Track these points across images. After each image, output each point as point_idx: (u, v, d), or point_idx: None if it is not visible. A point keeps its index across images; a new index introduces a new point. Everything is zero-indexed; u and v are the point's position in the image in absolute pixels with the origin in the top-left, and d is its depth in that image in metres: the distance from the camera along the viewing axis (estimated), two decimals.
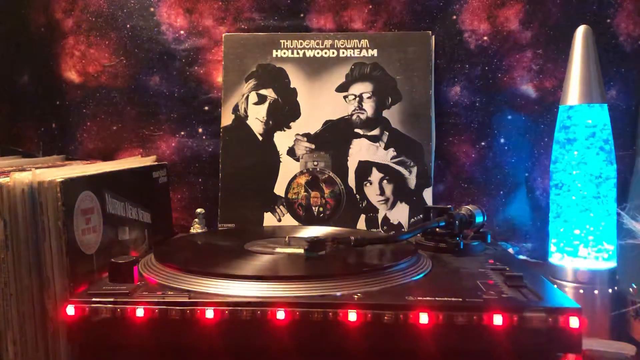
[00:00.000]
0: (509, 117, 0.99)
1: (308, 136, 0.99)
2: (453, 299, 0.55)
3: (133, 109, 1.03)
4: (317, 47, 0.99)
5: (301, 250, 0.69)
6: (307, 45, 0.99)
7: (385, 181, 0.97)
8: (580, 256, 0.80)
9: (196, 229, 0.92)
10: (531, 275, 0.64)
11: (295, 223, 0.97)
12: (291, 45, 0.99)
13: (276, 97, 1.00)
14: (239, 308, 0.54)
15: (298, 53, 0.99)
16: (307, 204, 0.98)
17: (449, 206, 0.82)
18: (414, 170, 0.97)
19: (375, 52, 0.98)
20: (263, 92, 1.00)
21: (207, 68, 1.02)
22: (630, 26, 0.95)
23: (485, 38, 0.98)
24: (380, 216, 0.97)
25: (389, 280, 0.61)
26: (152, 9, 1.02)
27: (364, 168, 0.97)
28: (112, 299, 0.55)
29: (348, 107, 0.98)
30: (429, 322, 0.53)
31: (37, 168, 0.71)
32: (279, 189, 0.98)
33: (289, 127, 0.99)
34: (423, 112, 0.97)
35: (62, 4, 1.03)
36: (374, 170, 0.97)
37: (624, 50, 0.95)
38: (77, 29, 1.02)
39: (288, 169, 0.98)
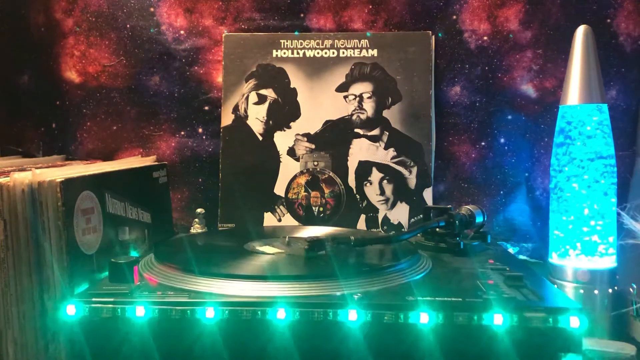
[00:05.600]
0: (509, 117, 0.99)
1: (308, 136, 0.99)
2: (453, 299, 0.55)
3: (133, 109, 1.03)
4: (317, 47, 0.99)
5: (301, 251, 0.69)
6: (307, 45, 0.99)
7: (385, 181, 0.97)
8: (580, 256, 0.80)
9: (196, 229, 0.92)
10: (531, 275, 0.64)
11: (295, 223, 0.97)
12: (291, 45, 0.99)
13: (276, 97, 1.00)
14: (239, 308, 0.54)
15: (298, 53, 0.99)
16: (307, 204, 0.98)
17: (449, 206, 0.82)
18: (414, 170, 0.97)
19: (375, 52, 0.98)
20: (263, 92, 1.00)
21: (207, 68, 1.02)
22: (630, 26, 0.95)
23: (485, 38, 0.98)
24: (380, 216, 0.97)
25: (389, 280, 0.61)
26: (152, 9, 1.02)
27: (364, 168, 0.97)
28: (112, 299, 0.56)
29: (348, 107, 0.98)
30: (429, 322, 0.53)
31: (37, 168, 0.71)
32: (279, 189, 0.98)
33: (289, 127, 0.99)
34: (423, 112, 0.97)
35: (62, 4, 1.03)
36: (374, 170, 0.97)
37: (624, 50, 0.95)
38: (77, 29, 1.02)
39: (288, 169, 0.98)
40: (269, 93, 1.00)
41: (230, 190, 0.98)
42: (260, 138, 0.99)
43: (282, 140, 0.99)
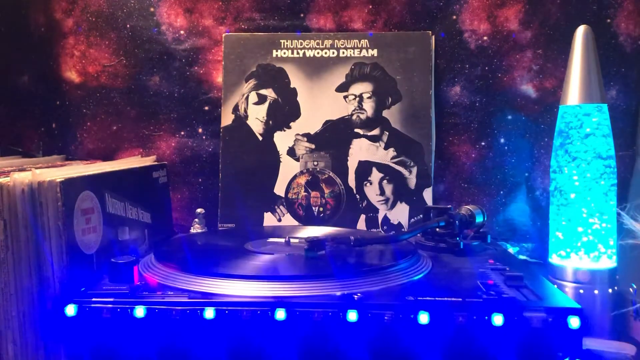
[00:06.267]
0: (509, 117, 0.99)
1: (308, 136, 0.99)
2: (453, 299, 0.55)
3: (133, 109, 1.03)
4: (317, 47, 0.99)
5: (301, 250, 0.69)
6: (307, 45, 0.99)
7: (385, 181, 0.97)
8: (580, 256, 0.80)
9: (196, 229, 0.92)
10: (531, 275, 0.64)
11: (295, 223, 0.97)
12: (291, 45, 0.99)
13: (276, 97, 1.00)
14: (239, 308, 0.54)
15: (298, 53, 0.99)
16: (307, 204, 0.98)
17: (449, 206, 0.82)
18: (414, 170, 0.97)
19: (375, 52, 0.98)
20: (263, 92, 1.00)
21: (207, 68, 1.02)
22: (630, 26, 0.95)
23: (485, 38, 0.98)
24: (380, 216, 0.97)
25: (389, 280, 0.61)
26: (152, 9, 1.02)
27: (364, 168, 0.97)
28: (112, 299, 0.56)
29: (348, 107, 0.98)
30: (429, 322, 0.53)
31: (37, 168, 0.71)
32: (279, 189, 0.98)
33: (289, 127, 0.99)
34: (423, 112, 0.97)
35: (62, 4, 1.03)
36: (374, 170, 0.97)
37: (624, 50, 0.95)
38: (77, 29, 1.02)
39: (288, 169, 0.98)
40: (269, 93, 1.00)
41: (230, 190, 0.98)
42: (260, 138, 0.99)
43: (282, 140, 0.99)
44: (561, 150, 0.82)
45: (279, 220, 0.98)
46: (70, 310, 0.55)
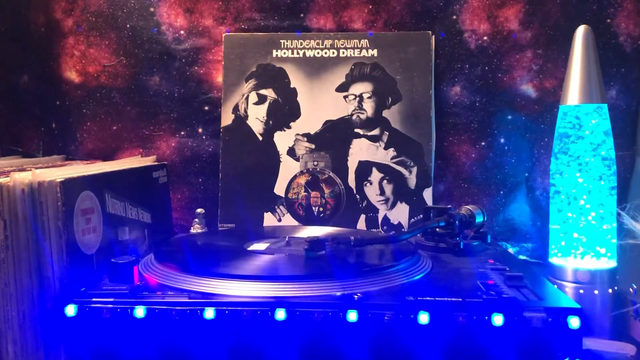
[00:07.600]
0: (509, 117, 0.99)
1: (308, 136, 0.99)
2: (453, 299, 0.55)
3: (133, 109, 1.03)
4: (317, 47, 0.99)
5: (301, 250, 0.69)
6: (307, 45, 0.99)
7: (385, 181, 0.97)
8: (580, 256, 0.80)
9: (196, 229, 0.92)
10: (531, 275, 0.64)
11: (295, 223, 0.97)
12: (291, 45, 0.99)
13: (276, 97, 1.00)
14: (239, 308, 0.54)
15: (298, 53, 0.99)
16: (307, 204, 0.98)
17: (449, 206, 0.82)
18: (414, 170, 0.97)
19: (375, 52, 0.98)
20: (263, 92, 1.00)
21: (207, 68, 1.02)
22: (630, 26, 0.95)
23: (485, 38, 0.98)
24: (380, 216, 0.97)
25: (389, 280, 0.61)
26: (152, 9, 1.02)
27: (364, 168, 0.97)
28: (112, 299, 0.56)
29: (348, 107, 0.98)
30: (429, 322, 0.53)
31: (37, 168, 0.71)
32: (279, 189, 0.98)
33: (289, 127, 0.99)
34: (423, 112, 0.97)
35: (62, 4, 1.03)
36: (374, 170, 0.97)
37: (624, 50, 0.95)
38: (77, 29, 1.02)
39: (288, 169, 0.98)
40: (269, 93, 1.00)
41: (230, 190, 0.98)
42: (260, 138, 0.99)
43: (282, 140, 0.99)
44: (560, 150, 0.82)
45: (279, 220, 0.98)
46: (70, 310, 0.55)
